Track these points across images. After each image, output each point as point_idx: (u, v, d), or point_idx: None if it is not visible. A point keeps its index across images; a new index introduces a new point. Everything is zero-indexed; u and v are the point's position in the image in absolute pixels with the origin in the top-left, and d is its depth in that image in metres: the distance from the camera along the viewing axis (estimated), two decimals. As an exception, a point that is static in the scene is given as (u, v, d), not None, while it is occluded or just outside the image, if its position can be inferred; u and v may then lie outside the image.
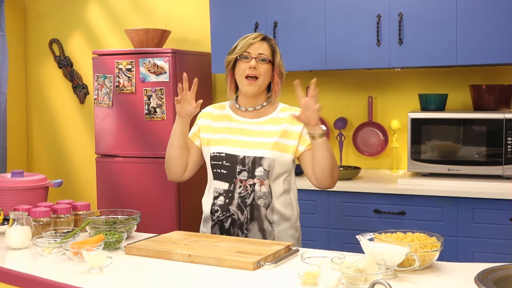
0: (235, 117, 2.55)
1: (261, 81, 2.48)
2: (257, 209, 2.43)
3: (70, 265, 2.09)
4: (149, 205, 4.12)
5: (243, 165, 2.44)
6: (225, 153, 2.47)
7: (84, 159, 5.09)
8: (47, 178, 2.93)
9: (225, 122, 2.56)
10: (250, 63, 2.46)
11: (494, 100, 3.54)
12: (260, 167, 2.42)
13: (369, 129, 4.10)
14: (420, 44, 3.52)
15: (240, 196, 2.43)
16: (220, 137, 2.52)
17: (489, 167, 3.38)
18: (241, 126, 2.52)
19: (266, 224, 2.44)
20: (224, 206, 2.45)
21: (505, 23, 3.33)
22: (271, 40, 2.55)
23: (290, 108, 2.56)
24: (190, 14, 4.62)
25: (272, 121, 2.51)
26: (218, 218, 2.47)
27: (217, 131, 2.54)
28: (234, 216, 2.44)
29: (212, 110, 2.64)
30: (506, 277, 1.88)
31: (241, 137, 2.49)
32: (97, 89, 4.28)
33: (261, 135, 2.47)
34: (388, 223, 3.39)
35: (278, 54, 2.53)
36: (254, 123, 2.51)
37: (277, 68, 2.52)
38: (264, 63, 2.47)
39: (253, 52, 2.48)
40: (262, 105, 2.54)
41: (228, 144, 2.48)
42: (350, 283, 1.79)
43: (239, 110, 2.57)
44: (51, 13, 5.18)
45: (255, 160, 2.43)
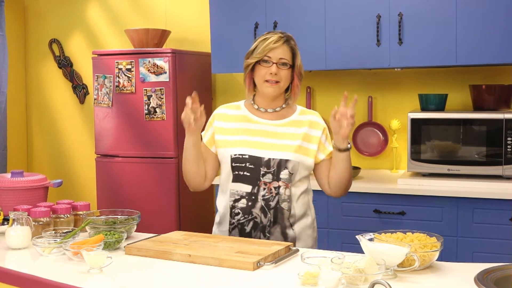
0: (254, 118, 2.49)
1: (282, 85, 2.44)
2: (281, 212, 2.40)
3: (70, 265, 2.09)
4: (149, 205, 4.12)
5: (267, 168, 2.39)
6: (248, 155, 2.41)
7: (84, 159, 5.09)
8: (47, 178, 2.93)
9: (243, 123, 2.49)
10: (271, 69, 2.40)
11: (494, 100, 3.54)
12: (285, 170, 2.39)
13: (369, 129, 4.10)
14: (420, 44, 3.52)
15: (264, 199, 2.39)
16: (239, 139, 2.46)
17: (489, 167, 3.38)
18: (262, 128, 2.46)
19: (288, 226, 2.42)
20: (247, 209, 2.40)
21: (505, 23, 3.34)
22: (291, 41, 2.47)
23: (309, 111, 2.54)
24: (190, 14, 4.62)
25: (294, 123, 2.47)
26: (238, 221, 2.42)
27: (235, 132, 2.48)
28: (256, 219, 2.40)
29: (226, 110, 2.56)
30: (506, 277, 1.88)
31: (263, 138, 2.44)
32: (97, 89, 4.28)
33: (285, 137, 2.43)
34: (388, 223, 3.39)
35: (298, 55, 2.48)
36: (276, 124, 2.47)
37: (297, 70, 2.46)
38: (285, 68, 2.42)
39: (274, 56, 2.41)
40: (282, 107, 2.50)
41: (250, 146, 2.43)
42: (350, 283, 1.79)
43: (258, 111, 2.51)
44: (51, 13, 5.18)
45: (281, 163, 2.39)
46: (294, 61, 2.46)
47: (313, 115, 2.52)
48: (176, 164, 4.10)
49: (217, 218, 2.55)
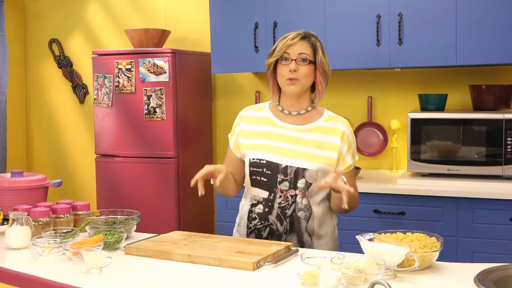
0: (277, 122, 2.43)
1: (304, 82, 2.36)
2: (297, 221, 2.36)
3: (69, 265, 2.09)
4: (148, 205, 4.12)
5: (285, 175, 2.34)
6: (266, 160, 2.37)
7: (83, 159, 5.09)
8: (46, 178, 2.93)
9: (266, 126, 2.44)
10: (290, 66, 2.33)
11: (494, 100, 3.54)
12: (303, 179, 2.33)
13: (368, 129, 4.10)
14: (420, 44, 3.52)
15: (280, 207, 2.35)
16: (259, 142, 2.41)
17: (488, 167, 3.38)
18: (285, 132, 2.40)
19: (306, 236, 2.37)
20: (263, 215, 2.38)
21: (504, 23, 3.34)
22: (311, 37, 2.40)
23: (336, 117, 2.45)
24: (189, 14, 4.62)
25: (318, 129, 2.39)
26: (255, 227, 2.40)
27: (256, 135, 2.43)
28: (272, 226, 2.37)
29: (251, 112, 2.51)
30: (506, 277, 1.88)
31: (284, 144, 2.38)
32: (97, 89, 4.28)
33: (306, 144, 2.36)
34: (388, 223, 3.39)
35: (320, 51, 2.38)
36: (299, 130, 2.39)
37: (319, 67, 2.38)
38: (305, 63, 2.35)
39: (293, 53, 2.35)
40: (307, 110, 2.43)
41: (269, 151, 2.38)
42: (349, 283, 1.79)
43: (282, 114, 2.44)
44: (51, 13, 5.18)
45: (298, 171, 2.33)
46: (315, 57, 2.38)
47: (339, 122, 2.43)
48: (176, 164, 4.10)
49: (237, 220, 2.53)
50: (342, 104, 4.16)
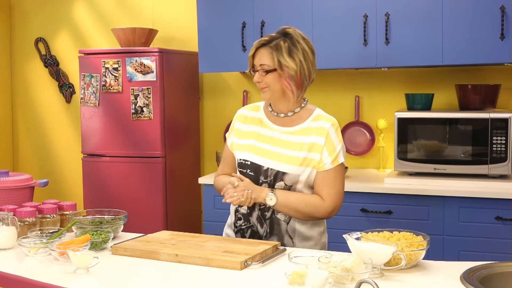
0: (267, 123, 2.43)
1: (272, 88, 2.33)
2: (277, 223, 2.36)
3: (56, 265, 2.08)
4: (135, 205, 4.11)
5: (265, 177, 2.35)
6: (250, 161, 2.38)
7: (70, 158, 5.06)
8: (32, 178, 2.92)
9: (256, 126, 2.44)
10: (255, 78, 2.35)
11: (480, 100, 3.56)
12: (281, 182, 2.33)
13: (356, 128, 4.11)
14: (407, 44, 3.54)
15: (260, 209, 2.37)
16: (248, 143, 2.42)
17: (474, 166, 3.41)
18: (272, 134, 2.39)
19: (287, 239, 2.36)
20: (246, 216, 2.40)
21: (491, 23, 3.36)
22: (270, 42, 2.33)
23: (323, 116, 2.40)
24: (177, 13, 4.61)
25: (303, 131, 2.36)
26: (240, 227, 2.42)
27: (247, 135, 2.44)
28: (254, 228, 2.38)
29: (246, 112, 2.51)
30: (492, 276, 1.90)
31: (269, 146, 2.37)
32: (84, 88, 4.26)
33: (290, 147, 2.34)
34: (375, 222, 3.40)
35: (283, 55, 2.30)
36: (286, 132, 2.38)
37: (281, 72, 2.30)
38: (267, 73, 2.32)
39: (256, 63, 2.35)
40: (294, 112, 2.40)
41: (256, 152, 2.38)
42: (337, 282, 1.79)
43: (272, 115, 2.43)
44: (37, 12, 5.15)
45: (278, 174, 2.33)
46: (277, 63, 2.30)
47: (325, 121, 2.37)
48: (163, 163, 4.09)
49: (228, 219, 2.54)
50: (329, 103, 4.17)
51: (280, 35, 2.35)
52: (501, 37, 3.34)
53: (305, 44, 2.36)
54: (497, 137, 3.34)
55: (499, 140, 3.34)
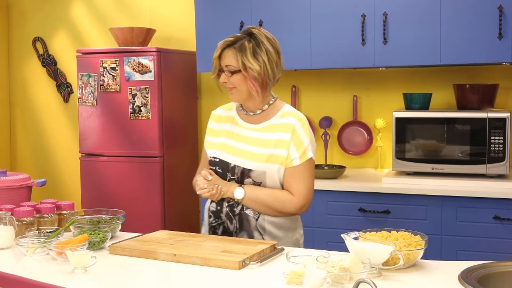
0: (238, 121, 2.47)
1: (239, 89, 2.36)
2: (246, 219, 2.37)
3: (54, 265, 2.07)
4: (133, 205, 4.11)
5: (232, 174, 2.38)
6: (219, 158, 2.42)
7: (68, 158, 5.06)
8: (30, 177, 2.91)
9: (228, 124, 2.48)
10: (221, 78, 2.38)
11: (478, 100, 3.57)
12: (249, 179, 2.36)
13: (354, 128, 4.11)
14: (405, 43, 3.54)
15: (229, 205, 2.39)
16: (219, 141, 2.46)
17: (472, 166, 3.41)
18: (241, 132, 2.43)
19: (257, 234, 2.37)
20: (216, 212, 2.42)
21: (489, 23, 3.36)
22: (235, 43, 2.35)
23: (290, 113, 2.40)
24: (175, 12, 4.61)
25: (269, 128, 2.38)
26: (211, 224, 2.44)
27: (219, 134, 2.48)
28: (224, 224, 2.40)
29: (220, 111, 2.56)
30: (490, 275, 1.90)
31: (238, 143, 2.41)
32: (81, 88, 4.25)
33: (257, 144, 2.37)
34: (373, 222, 3.40)
35: (247, 57, 2.31)
36: (254, 129, 2.41)
37: (246, 73, 2.32)
38: (233, 74, 2.35)
39: (223, 64, 2.37)
40: (263, 110, 2.42)
41: (225, 150, 2.42)
42: (335, 282, 1.79)
43: (242, 113, 2.47)
44: (35, 11, 5.14)
45: (244, 171, 2.36)
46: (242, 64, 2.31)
47: (291, 117, 2.38)
48: (161, 163, 4.09)
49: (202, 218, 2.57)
50: (327, 103, 4.17)
51: (245, 35, 2.37)
52: (499, 36, 3.34)
53: (269, 44, 2.37)
54: (495, 136, 3.34)
55: (497, 139, 3.34)
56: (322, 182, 3.56)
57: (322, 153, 4.12)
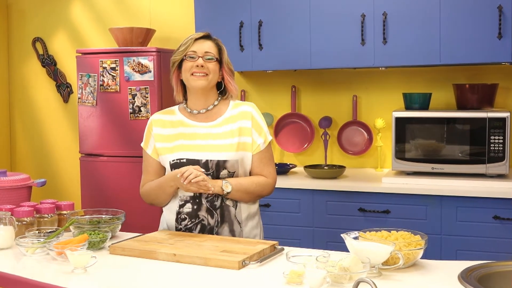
0: (189, 122, 2.47)
1: (211, 78, 2.41)
2: (227, 209, 2.40)
3: (53, 265, 2.07)
4: (133, 205, 4.10)
5: (206, 169, 2.37)
6: (186, 158, 2.40)
7: (68, 158, 5.06)
8: (30, 177, 2.91)
9: (178, 128, 2.47)
10: (197, 62, 2.39)
11: (478, 99, 3.57)
12: (225, 170, 2.38)
13: (353, 128, 4.11)
14: (404, 43, 3.54)
15: (208, 200, 2.39)
16: (176, 144, 2.44)
17: (472, 166, 3.41)
18: (198, 131, 2.44)
19: (236, 224, 2.41)
20: (193, 213, 2.40)
21: (488, 22, 3.36)
22: (216, 39, 2.50)
23: (241, 103, 2.50)
24: (174, 13, 4.61)
25: (227, 120, 2.44)
26: (186, 227, 2.42)
27: (172, 138, 2.45)
28: (203, 222, 2.40)
29: (162, 116, 2.53)
30: (489, 275, 1.90)
31: (199, 141, 2.42)
32: (81, 88, 4.25)
33: (221, 137, 2.41)
34: (373, 222, 3.40)
35: (225, 52, 2.48)
36: (210, 126, 2.44)
37: (225, 66, 2.46)
38: (211, 61, 2.41)
39: (199, 50, 2.42)
40: (214, 105, 2.47)
41: (187, 150, 2.41)
42: (335, 282, 1.79)
43: (191, 114, 2.48)
44: (35, 12, 5.14)
45: (219, 164, 2.37)
46: (221, 56, 2.46)
47: (245, 105, 2.48)
48: (161, 163, 4.08)
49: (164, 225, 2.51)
50: (326, 103, 4.17)
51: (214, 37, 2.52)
52: (499, 36, 3.34)
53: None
54: (494, 136, 3.35)
55: (496, 139, 3.34)
56: (322, 182, 3.57)
57: (322, 153, 4.12)
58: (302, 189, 3.57)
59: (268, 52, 3.86)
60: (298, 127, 4.20)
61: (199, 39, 2.45)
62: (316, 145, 4.20)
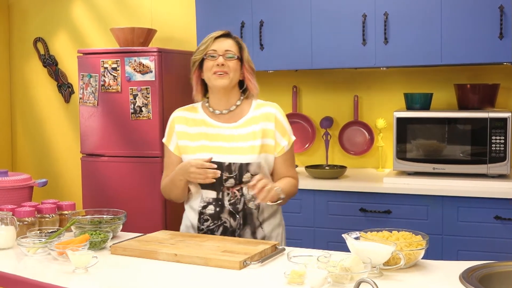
0: (212, 122, 2.45)
1: (232, 76, 2.40)
2: (250, 212, 2.39)
3: (55, 265, 2.08)
4: (134, 205, 4.10)
5: (229, 172, 2.36)
6: None
7: (69, 158, 5.06)
8: (31, 177, 2.91)
9: (201, 127, 2.46)
10: (218, 61, 2.38)
11: (479, 100, 3.57)
12: (248, 173, 2.36)
13: (354, 128, 4.11)
14: (406, 43, 3.54)
15: (231, 203, 2.38)
16: (199, 144, 2.43)
17: (473, 166, 3.41)
18: (220, 132, 2.42)
19: (258, 226, 2.41)
20: (215, 214, 2.40)
21: (490, 23, 3.36)
22: (236, 37, 2.49)
23: (264, 103, 2.48)
24: (175, 13, 4.61)
25: (250, 121, 2.42)
26: (208, 228, 2.41)
27: (195, 137, 2.45)
28: (226, 224, 2.39)
29: (184, 113, 2.52)
30: (491, 275, 1.90)
31: (222, 143, 2.40)
32: (82, 88, 4.26)
33: (244, 139, 2.40)
34: (374, 222, 3.40)
35: (246, 50, 2.46)
36: (233, 127, 2.42)
37: (246, 64, 2.44)
38: (232, 59, 2.40)
39: (219, 49, 2.40)
40: (236, 105, 2.46)
41: (211, 152, 2.39)
42: (336, 282, 1.79)
43: (214, 114, 2.46)
44: (36, 12, 5.15)
45: (242, 167, 2.36)
46: (241, 54, 2.44)
47: (269, 106, 2.46)
48: (162, 163, 4.07)
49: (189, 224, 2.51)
50: (328, 103, 4.17)
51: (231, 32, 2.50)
52: (500, 36, 3.34)
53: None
54: (496, 136, 3.34)
55: (498, 139, 3.34)
56: (323, 182, 3.57)
57: (323, 153, 4.12)
58: (303, 189, 3.57)
59: (269, 52, 3.86)
60: (299, 127, 4.20)
61: (219, 38, 2.43)
62: (317, 145, 4.20)
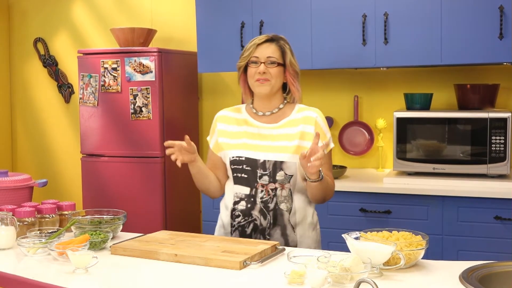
0: (253, 122, 2.49)
1: (273, 83, 2.42)
2: (280, 213, 2.39)
3: (55, 265, 2.08)
4: (134, 205, 4.11)
5: (264, 169, 2.38)
6: (244, 157, 2.42)
7: (69, 158, 5.06)
8: (31, 178, 2.92)
9: (243, 126, 2.50)
10: (259, 68, 2.40)
11: (479, 100, 3.57)
12: (281, 171, 2.37)
13: (355, 128, 4.11)
14: (406, 43, 3.54)
15: (263, 201, 2.39)
16: (239, 142, 2.47)
17: (473, 166, 3.41)
18: (260, 131, 2.46)
19: (289, 229, 2.40)
20: (246, 211, 2.41)
21: (490, 23, 3.36)
22: (279, 40, 2.47)
23: (306, 108, 2.50)
24: (176, 13, 4.61)
25: (289, 123, 2.45)
26: (239, 224, 2.42)
27: (236, 135, 2.49)
28: (256, 222, 2.39)
29: (228, 113, 2.57)
30: (491, 275, 1.90)
31: (260, 141, 2.43)
32: (83, 88, 4.26)
33: (281, 138, 2.42)
34: (374, 222, 3.40)
35: (289, 53, 2.45)
36: (273, 127, 2.45)
37: (289, 68, 2.45)
38: (273, 66, 2.41)
39: (261, 56, 2.41)
40: (279, 108, 2.49)
41: (248, 148, 2.43)
42: (336, 282, 1.79)
43: (256, 115, 2.50)
44: (36, 12, 5.15)
45: (276, 164, 2.38)
46: (284, 59, 2.45)
47: (310, 111, 2.48)
48: (162, 163, 4.09)
49: (220, 220, 2.54)
50: (328, 103, 4.17)
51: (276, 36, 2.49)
52: (500, 36, 3.34)
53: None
54: (496, 136, 3.34)
55: (498, 139, 3.34)
56: (323, 182, 3.56)
57: (323, 153, 4.12)
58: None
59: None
60: (299, 127, 4.19)
61: (262, 44, 2.44)
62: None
